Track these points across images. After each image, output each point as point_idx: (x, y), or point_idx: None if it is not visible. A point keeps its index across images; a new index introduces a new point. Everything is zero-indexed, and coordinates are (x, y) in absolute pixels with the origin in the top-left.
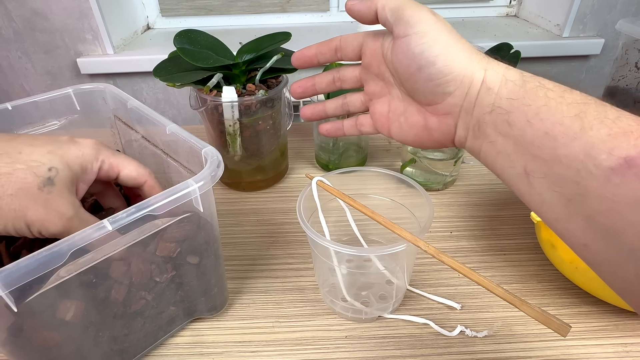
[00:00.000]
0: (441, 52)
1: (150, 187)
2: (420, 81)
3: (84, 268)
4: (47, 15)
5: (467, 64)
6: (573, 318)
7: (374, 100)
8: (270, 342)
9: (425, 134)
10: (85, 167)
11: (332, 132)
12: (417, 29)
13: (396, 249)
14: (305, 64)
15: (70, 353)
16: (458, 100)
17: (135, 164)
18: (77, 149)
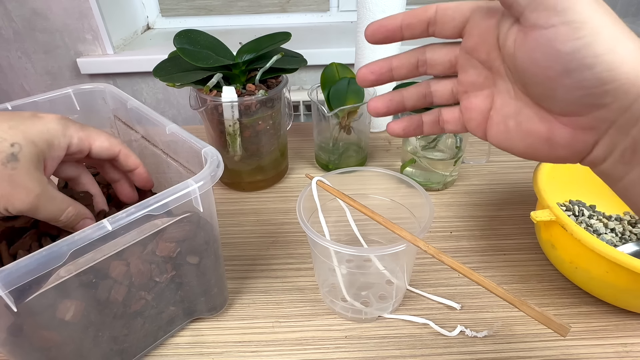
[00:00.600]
0: (605, 51)
1: (126, 156)
2: (563, 88)
3: (84, 268)
4: (47, 15)
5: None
6: (573, 318)
7: (470, 92)
8: (270, 342)
9: (544, 147)
10: (51, 143)
11: (409, 131)
12: (570, 16)
13: (396, 249)
14: (384, 39)
15: (70, 353)
16: (613, 115)
17: (105, 135)
18: (41, 124)
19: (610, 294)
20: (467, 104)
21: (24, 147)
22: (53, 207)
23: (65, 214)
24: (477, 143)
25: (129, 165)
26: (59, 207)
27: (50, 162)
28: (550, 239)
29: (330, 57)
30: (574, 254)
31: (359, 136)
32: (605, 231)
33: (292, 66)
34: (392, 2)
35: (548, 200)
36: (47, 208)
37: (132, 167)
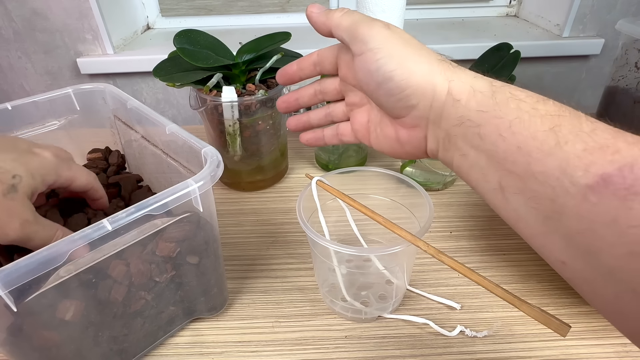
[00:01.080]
0: (397, 66)
1: (94, 191)
2: (381, 97)
3: (84, 268)
4: (47, 15)
5: (427, 76)
6: (572, 318)
7: (354, 110)
8: (270, 342)
9: (398, 146)
10: (44, 179)
11: (312, 141)
12: (372, 45)
13: (396, 249)
14: (289, 80)
15: (69, 353)
16: (423, 113)
17: (85, 174)
18: (38, 160)
19: None
20: (353, 119)
21: (23, 179)
22: (44, 234)
23: (54, 238)
24: None
25: (94, 197)
26: (49, 234)
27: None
28: None
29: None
30: None
31: None
32: None
33: None
34: (392, 2)
35: None
36: (39, 235)
37: (97, 197)
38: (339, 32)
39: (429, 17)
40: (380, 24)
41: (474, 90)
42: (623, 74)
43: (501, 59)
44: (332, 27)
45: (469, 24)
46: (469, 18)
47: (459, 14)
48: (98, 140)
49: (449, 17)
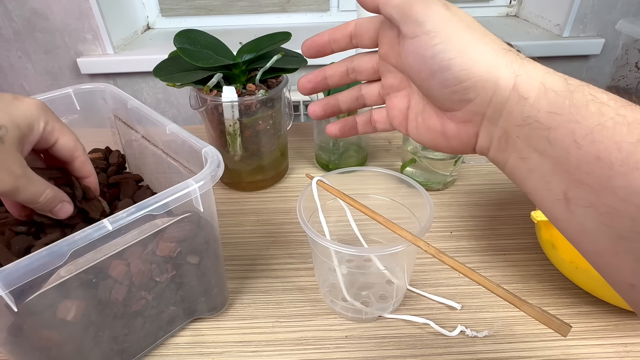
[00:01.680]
0: (457, 54)
1: (82, 163)
2: (434, 87)
3: (84, 268)
4: (47, 15)
5: (491, 67)
6: (573, 318)
7: (391, 94)
8: (270, 342)
9: (442, 140)
10: (32, 126)
11: (345, 131)
12: (428, 27)
13: (396, 249)
14: (317, 53)
15: (70, 353)
16: (479, 108)
17: (73, 135)
18: (24, 107)
19: (610, 294)
20: (390, 104)
21: (9, 130)
22: (33, 189)
23: (44, 195)
24: None
25: (83, 172)
26: (38, 189)
27: (28, 145)
28: (550, 238)
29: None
30: (574, 254)
31: (359, 136)
32: None
33: (292, 66)
34: None
35: None
36: (27, 189)
37: (85, 175)
38: (388, 9)
39: None
40: (439, 3)
41: (546, 88)
42: (623, 74)
43: None
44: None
45: None
46: None
47: None
48: (98, 140)
49: None
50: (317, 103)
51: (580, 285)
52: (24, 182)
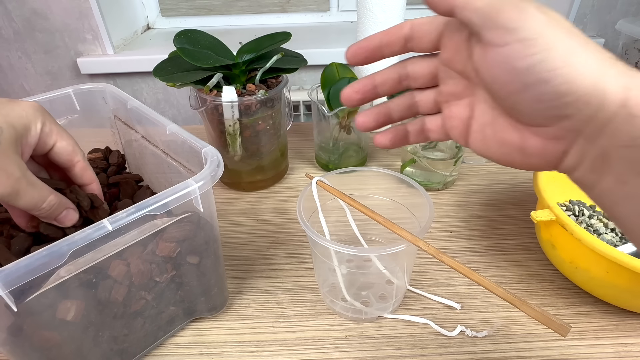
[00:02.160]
0: (560, 65)
1: (82, 169)
2: (524, 102)
3: (84, 268)
4: (47, 15)
5: (597, 80)
6: (573, 318)
7: (451, 102)
8: (270, 342)
9: (518, 156)
10: (28, 127)
11: (397, 142)
12: (523, 34)
13: (396, 249)
14: (366, 59)
15: (70, 353)
16: (578, 125)
17: (72, 140)
18: (20, 108)
19: (610, 294)
20: (449, 112)
21: (5, 131)
22: (34, 194)
23: (47, 202)
24: None
25: (84, 179)
26: (41, 194)
27: (27, 148)
28: (550, 239)
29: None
30: (574, 254)
31: (359, 136)
32: (606, 231)
33: (292, 66)
34: (392, 2)
35: (548, 200)
36: (29, 193)
37: (87, 182)
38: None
39: None
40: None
41: None
42: None
43: None
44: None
45: None
46: None
47: None
48: (98, 140)
49: None
50: (367, 113)
51: (579, 285)
52: (23, 186)
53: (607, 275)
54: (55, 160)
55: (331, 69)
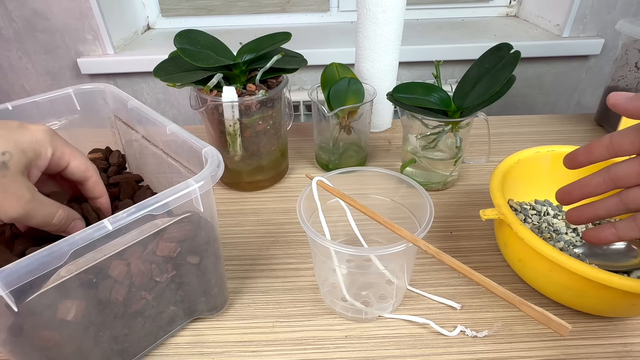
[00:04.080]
0: None
1: (95, 184)
2: None
3: (84, 268)
4: (48, 16)
5: None
6: (573, 318)
7: None
8: (270, 342)
9: None
10: (39, 153)
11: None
12: None
13: (396, 249)
14: (576, 165)
15: (70, 353)
16: None
17: (84, 157)
18: (30, 134)
19: (556, 292)
20: None
21: (14, 156)
22: (45, 211)
23: (57, 217)
24: (477, 143)
25: (95, 193)
26: (50, 211)
27: (35, 171)
28: (502, 237)
29: (330, 57)
30: (521, 252)
31: (359, 136)
32: (566, 231)
33: (292, 66)
34: (392, 2)
35: (498, 199)
36: (40, 212)
37: (97, 195)
38: None
39: (429, 17)
40: None
41: None
42: (623, 74)
43: (501, 59)
44: None
45: (468, 24)
46: (469, 18)
47: (459, 14)
48: (98, 140)
49: (449, 17)
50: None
51: (529, 282)
52: (34, 206)
53: (551, 274)
54: (69, 177)
55: (331, 69)
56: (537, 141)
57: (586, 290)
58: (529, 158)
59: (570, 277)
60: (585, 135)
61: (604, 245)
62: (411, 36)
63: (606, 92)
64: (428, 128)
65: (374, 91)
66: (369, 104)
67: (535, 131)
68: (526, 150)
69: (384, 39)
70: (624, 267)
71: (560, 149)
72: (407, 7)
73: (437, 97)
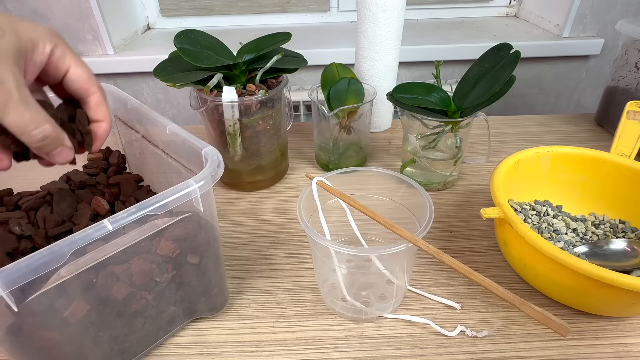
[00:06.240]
0: None
1: (98, 103)
2: None
3: (85, 268)
4: (47, 16)
5: None
6: (573, 318)
7: None
8: (270, 342)
9: None
10: (36, 43)
11: None
12: None
13: (396, 249)
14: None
15: (70, 353)
16: None
17: (88, 69)
18: (31, 25)
19: (556, 292)
20: None
21: (6, 35)
22: (26, 113)
23: (40, 130)
24: (477, 143)
25: (97, 115)
26: (33, 118)
27: (32, 66)
28: (503, 236)
29: (330, 57)
30: (522, 251)
31: (359, 136)
32: (566, 231)
33: (293, 66)
34: (392, 2)
35: (499, 198)
36: (19, 111)
37: (100, 118)
38: None
39: (429, 17)
40: None
41: None
42: (623, 74)
43: (501, 59)
44: None
45: (469, 24)
46: (469, 18)
47: (459, 14)
48: None
49: (449, 17)
50: None
51: (529, 282)
52: (14, 99)
53: (551, 273)
54: (70, 88)
55: (331, 69)
56: (537, 141)
57: (587, 289)
58: (529, 158)
59: (571, 275)
60: (585, 135)
61: (603, 245)
62: (411, 36)
63: (606, 92)
64: (428, 128)
65: (374, 91)
66: (369, 104)
67: (535, 131)
68: (526, 150)
69: (384, 39)
70: (624, 267)
71: (560, 149)
72: (407, 7)
73: (437, 97)
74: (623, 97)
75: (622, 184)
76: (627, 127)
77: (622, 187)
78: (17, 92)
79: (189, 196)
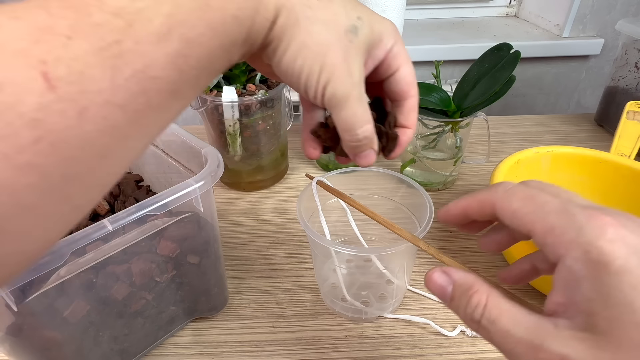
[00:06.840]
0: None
1: (411, 109)
2: None
3: (84, 268)
4: None
5: None
6: None
7: None
8: (270, 342)
9: None
10: (380, 39)
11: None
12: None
13: (396, 249)
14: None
15: (70, 353)
16: None
17: (414, 69)
18: (380, 18)
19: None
20: None
21: (364, 27)
22: (359, 110)
23: (363, 129)
24: (477, 143)
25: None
26: (363, 116)
27: (370, 62)
28: None
29: None
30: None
31: None
32: None
33: None
34: (392, 2)
35: None
36: (355, 107)
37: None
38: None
39: (429, 17)
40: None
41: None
42: (623, 74)
43: (501, 59)
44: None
45: (469, 24)
46: (469, 18)
47: (459, 14)
48: None
49: (449, 17)
50: None
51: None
52: (355, 94)
53: None
54: (390, 88)
55: None
56: (537, 141)
57: None
58: (528, 158)
59: None
60: (585, 135)
61: None
62: (411, 36)
63: (606, 92)
64: (428, 128)
65: None
66: None
67: (535, 131)
68: (526, 150)
69: None
70: None
71: (560, 149)
72: (407, 7)
73: (437, 97)
74: (623, 97)
75: (622, 184)
76: (627, 127)
77: (622, 187)
78: (359, 87)
79: (189, 196)
